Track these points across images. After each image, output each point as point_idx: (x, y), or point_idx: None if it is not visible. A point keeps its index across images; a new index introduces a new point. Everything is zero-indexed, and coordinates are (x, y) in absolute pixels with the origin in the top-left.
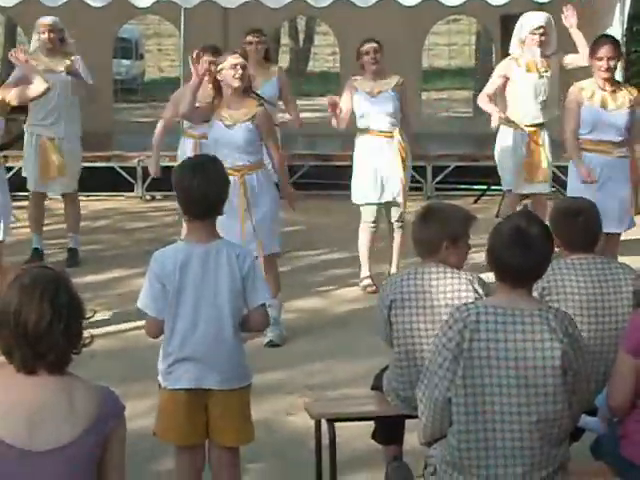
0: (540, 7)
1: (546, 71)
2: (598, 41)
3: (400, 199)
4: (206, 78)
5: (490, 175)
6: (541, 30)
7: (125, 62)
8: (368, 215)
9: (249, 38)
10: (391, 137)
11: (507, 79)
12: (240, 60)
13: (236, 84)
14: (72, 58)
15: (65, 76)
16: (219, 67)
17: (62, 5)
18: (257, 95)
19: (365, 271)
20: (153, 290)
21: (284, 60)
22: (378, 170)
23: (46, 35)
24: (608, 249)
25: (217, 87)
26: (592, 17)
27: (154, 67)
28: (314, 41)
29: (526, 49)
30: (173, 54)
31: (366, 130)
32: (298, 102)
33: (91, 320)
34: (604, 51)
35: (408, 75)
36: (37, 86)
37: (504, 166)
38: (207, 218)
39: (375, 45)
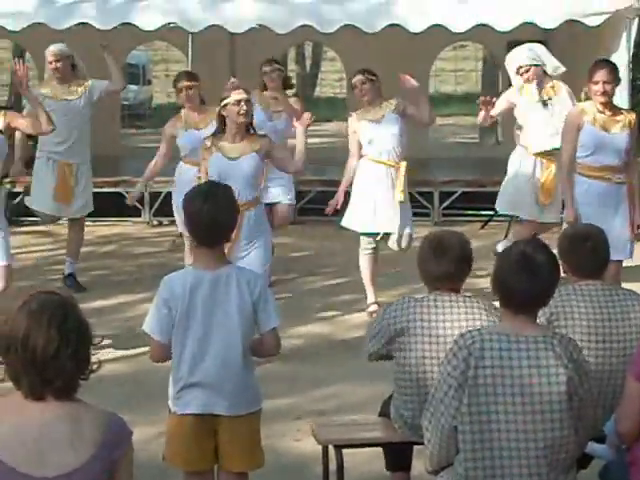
0: (545, 33)
1: (550, 98)
2: (595, 65)
3: (405, 230)
4: (188, 105)
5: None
6: (522, 70)
7: (133, 87)
8: (365, 242)
9: (265, 69)
10: (397, 168)
11: (513, 105)
12: (244, 96)
13: (241, 120)
14: (86, 84)
15: (79, 103)
16: (223, 102)
17: (69, 29)
18: (257, 133)
19: (371, 297)
20: (159, 314)
21: None
22: (377, 201)
23: (53, 65)
24: (609, 276)
25: (221, 121)
26: (598, 43)
27: (162, 93)
28: (321, 67)
29: (525, 86)
30: None
31: (372, 158)
32: None
33: (99, 345)
34: (600, 75)
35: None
36: (44, 125)
37: (513, 188)
38: (216, 244)
39: (361, 77)
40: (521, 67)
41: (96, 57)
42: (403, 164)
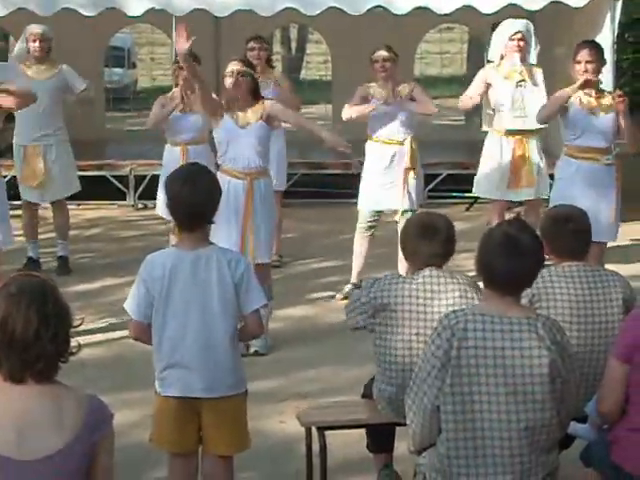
0: (531, 15)
1: (523, 80)
2: (578, 46)
3: (409, 205)
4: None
5: None
6: (519, 35)
7: (117, 71)
8: (361, 218)
9: (251, 44)
10: (401, 145)
11: (489, 85)
12: (237, 67)
13: (232, 93)
14: (60, 67)
15: (51, 84)
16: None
17: (54, 14)
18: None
19: (352, 278)
20: (138, 293)
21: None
22: (384, 178)
23: (37, 44)
24: (592, 257)
25: (224, 89)
26: (582, 25)
27: (146, 76)
28: (306, 49)
29: (506, 58)
30: (165, 63)
31: (377, 138)
32: None
33: (82, 328)
34: (582, 55)
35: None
36: (29, 96)
37: (483, 171)
38: (196, 227)
39: (385, 54)
40: (518, 32)
41: (79, 43)
42: (407, 140)
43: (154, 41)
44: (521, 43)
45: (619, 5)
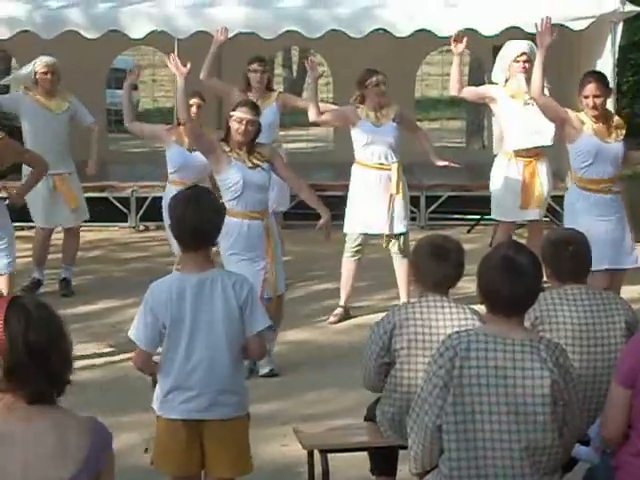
0: (532, 38)
1: (530, 98)
2: (584, 78)
3: (400, 229)
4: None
5: (483, 205)
6: (524, 57)
7: (119, 92)
8: (349, 243)
9: (254, 66)
10: (389, 170)
11: (492, 97)
12: (248, 117)
13: (238, 138)
14: (70, 99)
15: (65, 117)
16: (231, 113)
17: (57, 37)
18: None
19: (341, 301)
20: (145, 322)
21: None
22: (371, 203)
23: (49, 76)
24: (616, 284)
25: (227, 129)
26: (583, 48)
27: (148, 98)
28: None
29: (511, 78)
30: (167, 85)
31: (365, 163)
32: (292, 132)
33: (82, 351)
34: (589, 89)
35: (401, 105)
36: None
37: (497, 194)
38: (200, 248)
39: (383, 77)
40: (523, 54)
41: (81, 64)
42: (394, 165)
43: (156, 63)
44: (527, 64)
45: (620, 28)
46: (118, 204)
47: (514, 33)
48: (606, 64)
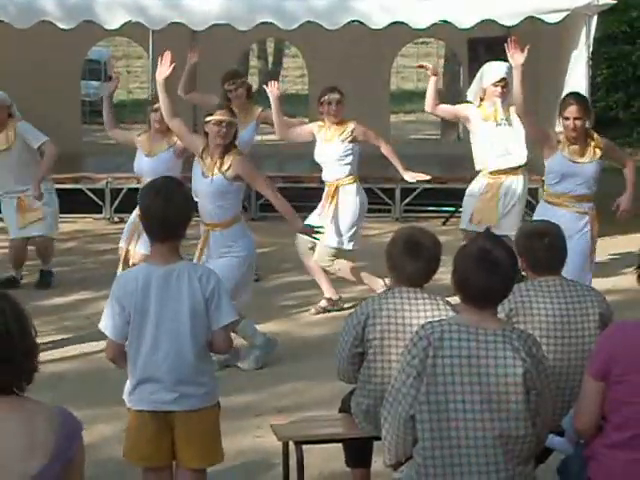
0: (507, 30)
1: (504, 118)
2: (565, 100)
3: (330, 243)
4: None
5: (458, 197)
6: (502, 82)
7: (94, 84)
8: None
9: (226, 86)
10: (337, 187)
11: (466, 116)
12: (226, 118)
13: (218, 141)
14: (17, 124)
15: (12, 149)
16: (207, 119)
17: (31, 27)
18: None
19: (325, 292)
20: (113, 313)
21: (253, 82)
22: (321, 216)
23: None
24: None
25: (206, 135)
26: (558, 40)
27: (123, 89)
28: (283, 63)
29: (487, 100)
30: (142, 76)
31: (324, 180)
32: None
33: (58, 342)
34: (570, 111)
35: (376, 97)
36: None
37: (464, 207)
38: (167, 240)
39: (338, 96)
40: (503, 79)
41: (55, 55)
42: (344, 180)
43: (130, 54)
44: (504, 90)
45: (594, 21)
46: (93, 195)
47: (489, 26)
48: (581, 57)
